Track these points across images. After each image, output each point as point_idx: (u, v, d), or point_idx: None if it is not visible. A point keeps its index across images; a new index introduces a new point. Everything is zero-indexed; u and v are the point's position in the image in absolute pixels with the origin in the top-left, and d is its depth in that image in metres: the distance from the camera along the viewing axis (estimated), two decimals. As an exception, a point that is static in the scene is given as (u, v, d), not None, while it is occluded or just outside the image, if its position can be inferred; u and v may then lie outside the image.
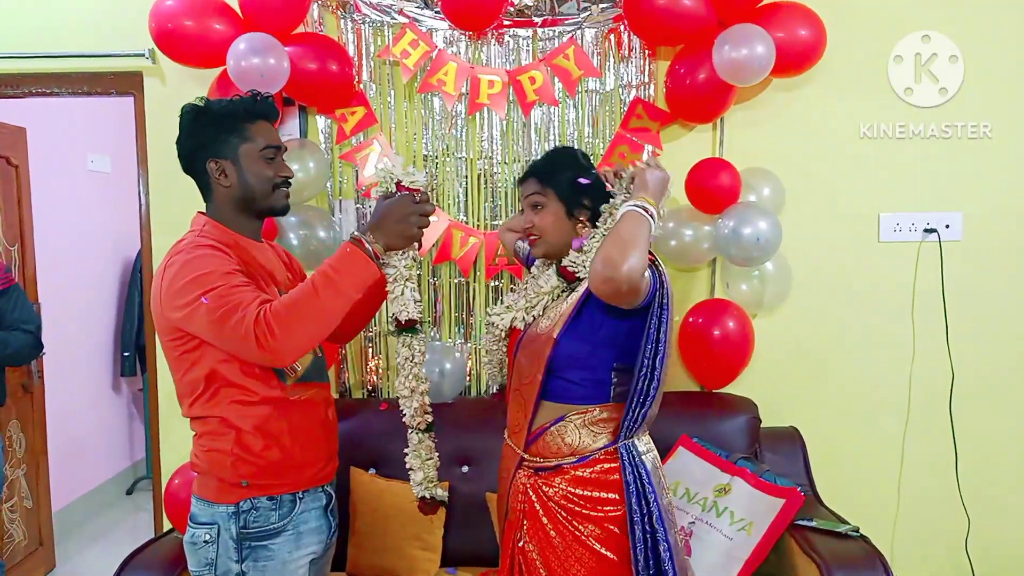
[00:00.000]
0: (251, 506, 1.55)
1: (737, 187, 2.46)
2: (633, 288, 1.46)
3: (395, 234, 1.51)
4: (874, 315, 2.69)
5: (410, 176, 1.54)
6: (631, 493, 1.51)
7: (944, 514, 2.68)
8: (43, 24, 2.70)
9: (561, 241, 1.66)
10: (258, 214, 1.64)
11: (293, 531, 1.59)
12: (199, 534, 1.58)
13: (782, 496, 2.17)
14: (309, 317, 1.42)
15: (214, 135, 1.58)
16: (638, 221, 1.49)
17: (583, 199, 1.66)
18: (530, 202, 1.67)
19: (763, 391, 2.63)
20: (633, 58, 2.63)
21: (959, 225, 2.66)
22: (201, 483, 1.61)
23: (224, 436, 1.55)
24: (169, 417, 2.79)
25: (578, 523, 1.55)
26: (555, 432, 1.59)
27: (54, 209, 3.68)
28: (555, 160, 1.72)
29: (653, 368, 1.53)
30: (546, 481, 1.59)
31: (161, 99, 2.71)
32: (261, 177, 1.59)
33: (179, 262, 1.50)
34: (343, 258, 1.46)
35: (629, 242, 1.45)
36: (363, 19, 2.62)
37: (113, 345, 4.40)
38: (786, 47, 2.38)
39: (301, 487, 1.61)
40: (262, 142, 1.59)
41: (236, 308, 1.41)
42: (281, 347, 1.41)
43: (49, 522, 3.37)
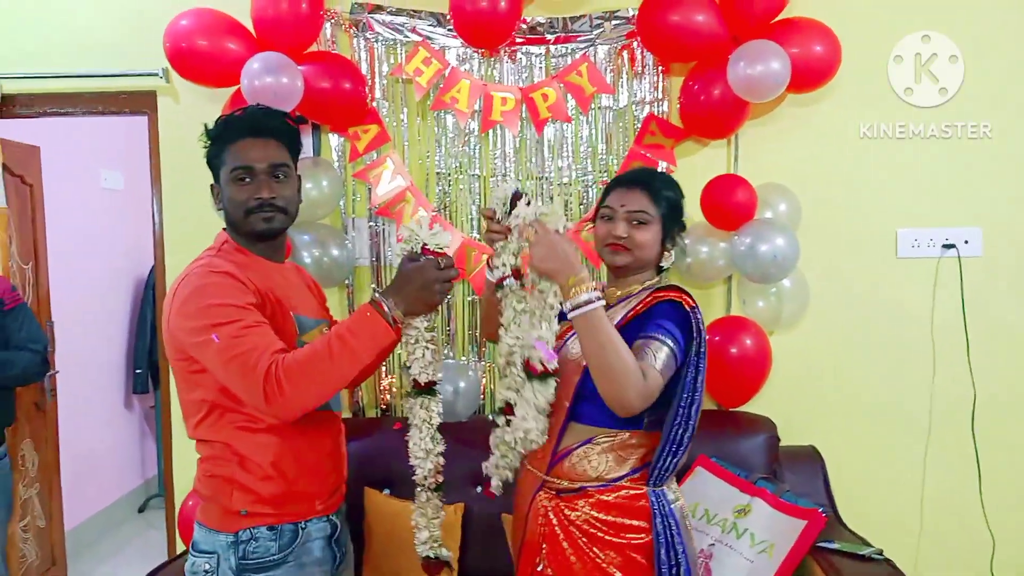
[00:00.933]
0: (251, 536, 1.50)
1: (753, 203, 2.44)
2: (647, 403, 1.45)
3: (417, 301, 1.45)
4: (893, 332, 2.66)
5: (435, 238, 1.48)
6: (660, 544, 1.48)
7: (968, 535, 2.64)
8: (57, 44, 2.72)
9: (650, 261, 1.62)
10: (248, 236, 1.56)
11: (295, 562, 1.53)
12: (199, 563, 1.53)
13: (804, 518, 2.13)
14: (320, 378, 1.39)
15: (208, 157, 1.57)
16: (589, 329, 1.43)
17: (681, 231, 1.65)
18: (636, 216, 1.59)
19: (781, 409, 2.59)
20: (646, 74, 2.62)
21: (978, 241, 2.62)
22: (203, 509, 1.57)
23: (227, 463, 1.51)
24: (182, 435, 2.74)
25: (599, 549, 1.51)
26: (581, 454, 1.55)
27: (67, 227, 3.69)
28: (667, 180, 1.68)
29: (688, 417, 1.50)
30: (569, 504, 1.55)
31: (174, 118, 2.72)
32: (231, 201, 1.53)
33: (192, 284, 1.45)
34: (362, 321, 1.42)
35: (605, 368, 1.41)
36: (376, 37, 2.62)
37: (125, 362, 4.40)
38: (801, 63, 2.37)
39: (304, 517, 1.55)
40: (231, 163, 1.51)
41: (248, 355, 1.37)
42: (288, 405, 1.38)
43: (62, 541, 3.35)
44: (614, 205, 1.62)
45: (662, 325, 1.51)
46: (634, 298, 1.61)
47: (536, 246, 1.47)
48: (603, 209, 1.65)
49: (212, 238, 2.59)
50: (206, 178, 2.53)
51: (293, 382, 1.36)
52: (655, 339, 1.49)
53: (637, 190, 1.61)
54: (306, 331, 1.58)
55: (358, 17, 2.61)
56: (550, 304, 1.50)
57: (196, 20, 2.40)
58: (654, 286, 1.63)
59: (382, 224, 2.66)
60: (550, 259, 1.45)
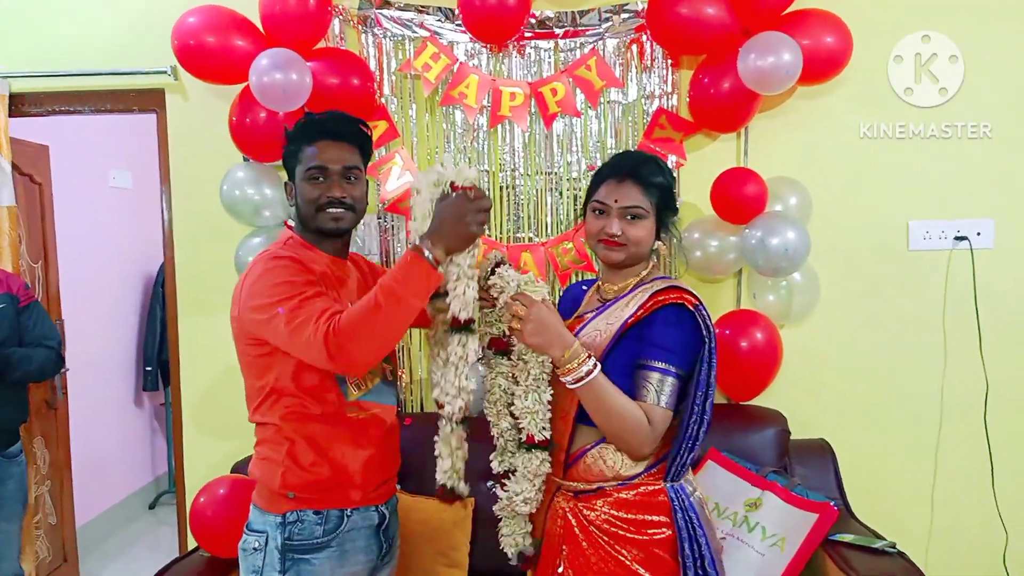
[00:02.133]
0: (297, 518, 1.57)
1: (764, 197, 2.42)
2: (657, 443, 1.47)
3: (455, 237, 1.47)
4: (905, 325, 2.65)
5: (462, 175, 1.50)
6: (683, 539, 1.47)
7: (981, 528, 2.63)
8: (66, 43, 2.72)
9: (644, 255, 1.59)
10: (316, 233, 1.65)
11: (338, 548, 1.59)
12: (250, 540, 1.60)
13: (815, 511, 2.13)
14: (374, 329, 1.42)
15: (286, 155, 1.65)
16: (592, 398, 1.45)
17: (671, 222, 1.62)
18: (630, 212, 1.54)
19: (792, 403, 2.59)
20: (655, 68, 2.61)
21: (990, 232, 2.61)
22: (257, 490, 1.64)
23: (278, 446, 1.59)
24: (193, 432, 2.79)
25: (620, 547, 1.49)
26: (595, 454, 1.53)
27: (77, 226, 3.70)
28: (658, 169, 1.58)
29: (703, 412, 1.49)
30: (587, 505, 1.54)
31: (183, 115, 2.73)
32: (304, 199, 1.62)
33: (258, 271, 1.54)
34: (404, 268, 1.45)
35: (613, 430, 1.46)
36: (384, 33, 2.62)
37: (135, 360, 4.42)
38: (812, 54, 2.35)
39: (350, 505, 1.62)
40: (307, 163, 1.61)
41: (308, 321, 1.43)
42: (351, 359, 1.43)
43: (73, 538, 3.36)
44: (606, 200, 1.56)
45: (662, 347, 1.48)
46: (632, 297, 1.56)
47: (526, 322, 1.46)
48: (594, 203, 1.58)
49: (221, 234, 2.65)
50: (215, 175, 2.59)
51: (349, 337, 1.41)
52: (656, 370, 1.47)
53: (628, 182, 1.55)
54: None
55: (366, 13, 2.61)
56: (534, 376, 1.51)
57: (204, 17, 2.40)
58: (649, 280, 1.58)
59: (391, 220, 2.66)
60: (540, 333, 1.46)
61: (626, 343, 1.51)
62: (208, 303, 2.74)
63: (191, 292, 2.76)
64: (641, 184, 1.54)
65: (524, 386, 1.52)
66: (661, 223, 1.59)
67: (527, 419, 1.52)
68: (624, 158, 1.64)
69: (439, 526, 2.35)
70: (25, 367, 2.42)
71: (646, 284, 1.57)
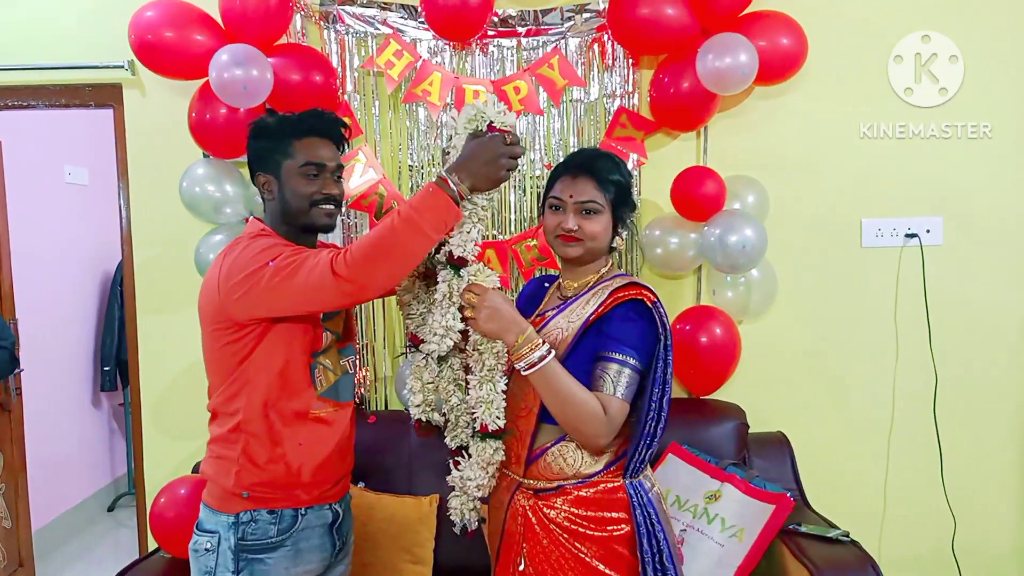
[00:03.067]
0: (251, 518, 1.56)
1: (722, 195, 2.47)
2: (614, 433, 1.49)
3: (483, 176, 1.45)
4: (858, 320, 2.72)
5: (502, 117, 1.48)
6: (642, 535, 1.49)
7: (930, 516, 2.71)
8: (20, 36, 2.66)
9: (602, 250, 1.60)
10: (302, 229, 1.63)
11: (292, 547, 1.58)
12: (201, 541, 1.58)
13: (772, 502, 2.18)
14: (387, 253, 1.41)
15: (263, 149, 1.61)
16: (546, 384, 1.46)
17: (631, 216, 1.63)
18: (585, 207, 1.55)
19: (750, 397, 2.64)
20: (617, 67, 2.64)
21: (939, 230, 2.69)
22: (208, 489, 1.62)
23: (233, 444, 1.56)
24: (153, 433, 2.76)
25: (580, 544, 1.51)
26: (556, 452, 1.55)
27: (31, 222, 3.62)
28: (614, 165, 1.60)
29: (660, 409, 1.51)
30: (547, 503, 1.55)
31: (141, 111, 2.69)
32: (298, 194, 1.59)
33: (238, 250, 1.52)
34: (426, 197, 1.42)
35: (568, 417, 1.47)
36: (347, 30, 2.60)
37: (93, 360, 4.33)
38: (768, 55, 2.40)
39: (304, 503, 1.60)
40: (302, 159, 1.59)
41: (306, 260, 1.42)
42: (359, 278, 1.40)
43: (29, 541, 3.29)
44: (562, 196, 1.57)
45: (621, 341, 1.49)
46: (593, 294, 1.57)
47: (479, 309, 1.47)
48: (550, 199, 1.60)
49: (181, 232, 2.62)
50: (174, 172, 2.55)
51: (361, 257, 1.39)
52: (614, 361, 1.48)
53: (584, 178, 1.56)
54: (330, 317, 1.64)
55: (328, 9, 2.60)
56: (489, 366, 1.52)
57: (162, 11, 2.36)
58: (609, 277, 1.60)
59: (355, 217, 2.65)
60: (493, 320, 1.47)
61: (588, 341, 1.53)
62: (168, 302, 2.70)
63: (150, 291, 2.72)
64: (596, 179, 1.56)
65: (479, 376, 1.53)
66: (618, 219, 1.60)
67: (481, 408, 1.52)
68: (579, 155, 1.65)
69: (404, 523, 2.36)
70: None
71: (606, 281, 1.59)
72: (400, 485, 2.45)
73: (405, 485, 2.45)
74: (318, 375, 1.61)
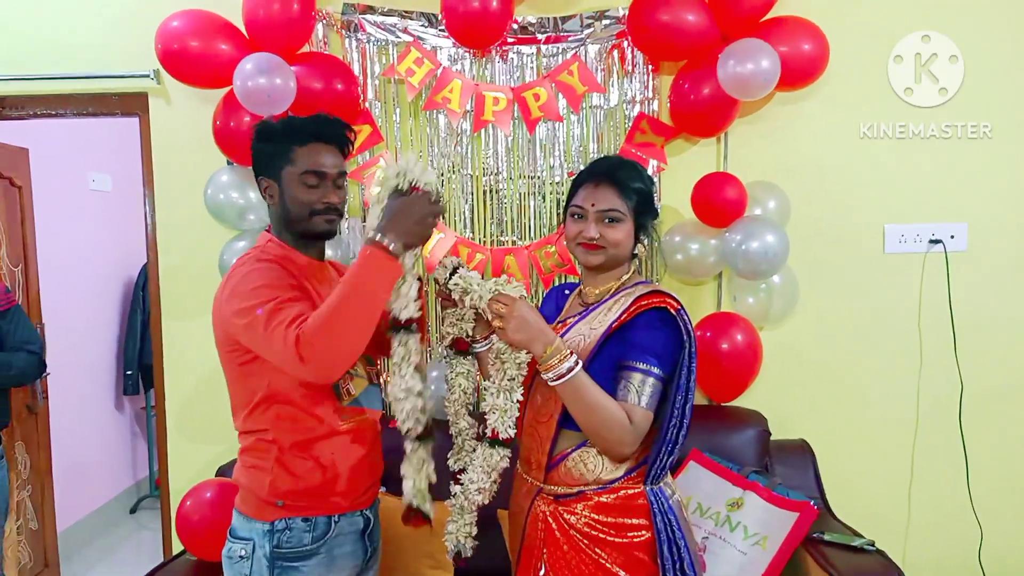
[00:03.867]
0: (285, 526, 1.57)
1: (743, 201, 2.46)
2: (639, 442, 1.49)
3: (413, 234, 1.47)
4: (881, 326, 2.70)
5: (425, 175, 1.51)
6: (662, 542, 1.49)
7: (956, 525, 2.68)
8: (48, 46, 2.71)
9: (624, 257, 1.61)
10: (303, 236, 1.63)
11: (326, 554, 1.59)
12: (235, 548, 1.59)
13: (796, 510, 2.17)
14: (342, 326, 1.40)
15: (266, 153, 1.61)
16: (573, 395, 1.46)
17: (650, 225, 1.62)
18: (608, 215, 1.56)
19: (772, 404, 2.63)
20: (637, 73, 2.64)
21: (964, 235, 2.66)
22: (242, 498, 1.63)
23: (266, 454, 1.57)
24: (177, 436, 2.79)
25: (600, 549, 1.51)
26: (576, 458, 1.55)
27: (57, 229, 3.67)
28: (636, 173, 1.60)
29: (683, 416, 1.51)
30: (568, 509, 1.55)
31: (166, 119, 2.72)
32: (297, 201, 1.59)
33: (239, 274, 1.52)
34: (366, 262, 1.43)
35: (594, 428, 1.47)
36: (368, 38, 2.63)
37: (116, 364, 4.39)
38: (790, 61, 2.39)
39: (337, 511, 1.61)
40: (302, 166, 1.58)
41: (282, 324, 1.41)
42: (322, 361, 1.40)
43: (54, 543, 3.34)
44: (584, 204, 1.57)
45: (644, 349, 1.50)
46: (615, 301, 1.57)
47: (508, 319, 1.48)
48: (572, 207, 1.61)
49: (205, 238, 2.65)
50: (198, 179, 2.59)
51: (318, 337, 1.38)
52: (638, 371, 1.49)
53: (605, 186, 1.57)
54: None
55: (350, 18, 2.62)
56: (510, 376, 1.52)
57: (187, 21, 2.40)
58: (631, 284, 1.60)
59: (375, 224, 2.67)
60: (522, 330, 1.47)
61: (610, 347, 1.53)
62: (192, 306, 2.73)
63: (175, 295, 2.76)
64: (618, 187, 1.56)
65: (498, 385, 1.53)
66: (640, 226, 1.60)
67: (495, 416, 1.52)
68: (601, 163, 1.65)
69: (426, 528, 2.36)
70: (5, 372, 2.41)
71: (628, 288, 1.59)
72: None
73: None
74: (343, 385, 1.61)
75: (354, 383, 1.65)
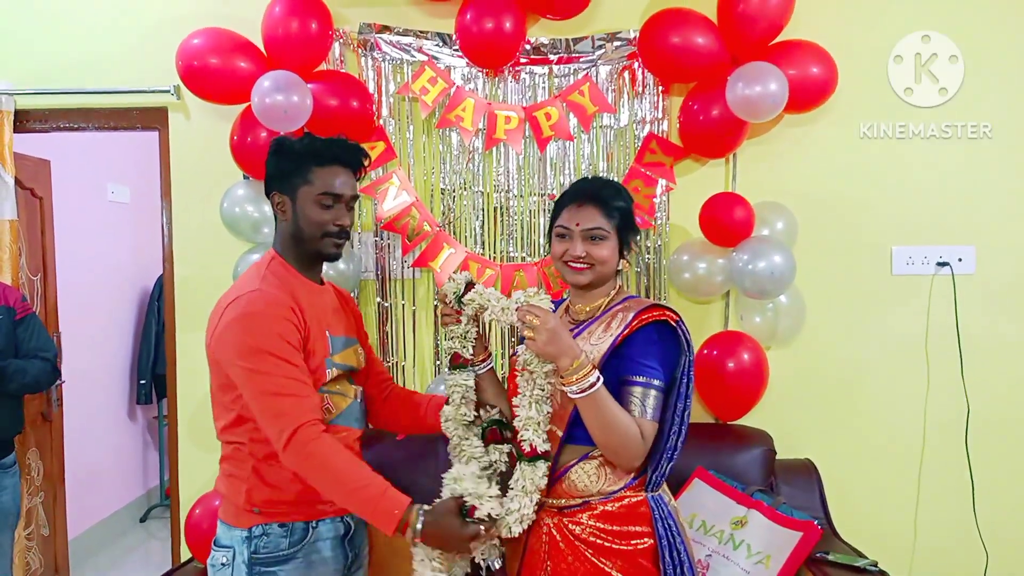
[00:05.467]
0: (263, 532, 1.58)
1: (751, 221, 2.49)
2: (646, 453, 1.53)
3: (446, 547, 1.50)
4: (888, 348, 2.70)
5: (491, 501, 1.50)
6: (664, 547, 1.52)
7: (962, 548, 2.67)
8: (71, 61, 2.78)
9: (610, 275, 1.65)
10: (310, 255, 1.65)
11: (304, 559, 1.60)
12: (218, 556, 1.61)
13: (799, 529, 2.17)
14: (324, 480, 1.49)
15: (283, 170, 1.63)
16: (594, 409, 1.49)
17: (635, 239, 1.67)
18: (592, 234, 1.61)
19: (778, 423, 2.63)
20: (647, 94, 2.68)
21: (972, 258, 2.67)
22: (223, 506, 1.66)
23: (242, 464, 1.59)
24: (188, 445, 2.82)
25: (604, 558, 1.53)
26: (579, 471, 1.58)
27: (75, 239, 3.74)
28: (617, 192, 1.66)
29: (683, 423, 1.55)
30: (572, 519, 1.57)
31: (185, 134, 2.78)
32: (311, 222, 1.61)
33: (238, 312, 1.53)
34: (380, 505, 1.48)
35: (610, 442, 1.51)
36: (383, 57, 2.68)
37: (130, 373, 4.44)
38: (799, 84, 2.42)
39: (315, 517, 1.62)
40: (320, 187, 1.60)
41: (282, 410, 1.48)
42: (297, 466, 1.50)
43: (65, 550, 3.37)
44: (568, 224, 1.62)
45: (643, 363, 1.54)
46: (612, 316, 1.60)
47: (539, 331, 1.50)
48: (557, 227, 1.65)
49: (220, 250, 2.69)
50: (215, 192, 2.64)
51: (308, 460, 1.47)
52: (639, 384, 1.53)
53: (589, 206, 1.62)
54: (337, 351, 1.66)
55: (366, 37, 2.68)
56: (540, 387, 1.55)
57: (208, 39, 2.46)
58: (620, 300, 1.63)
59: (387, 238, 2.71)
60: (552, 343, 1.49)
61: (612, 363, 1.56)
62: (206, 317, 2.73)
63: (189, 306, 2.80)
64: (602, 207, 1.62)
65: (529, 397, 1.55)
66: (624, 242, 1.65)
67: (531, 430, 1.55)
68: (583, 183, 1.71)
69: (430, 541, 2.38)
70: (20, 379, 2.44)
71: (618, 304, 1.63)
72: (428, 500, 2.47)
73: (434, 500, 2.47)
74: (326, 403, 1.61)
75: (335, 401, 1.64)
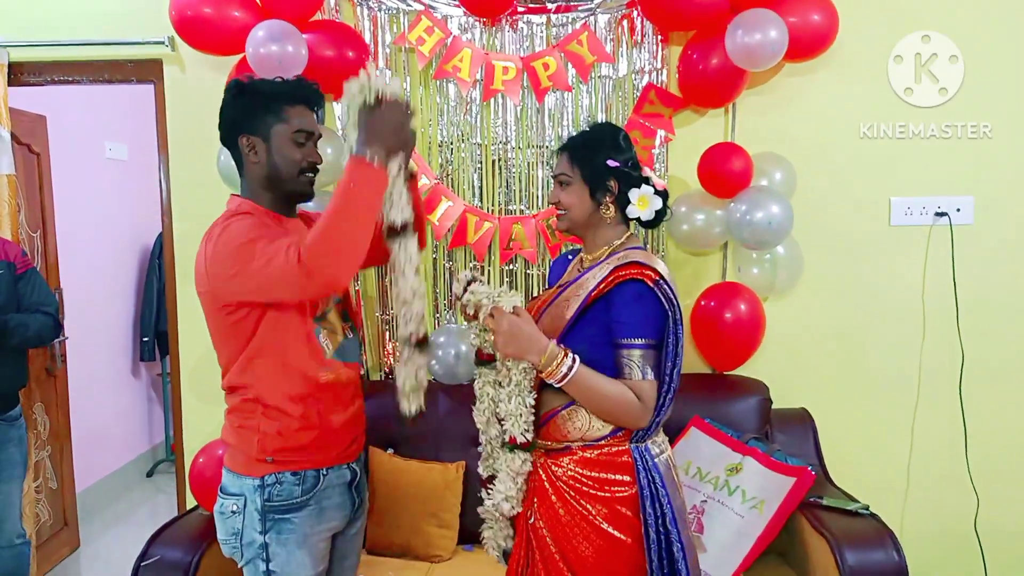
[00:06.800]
0: (275, 480, 1.61)
1: (749, 172, 2.48)
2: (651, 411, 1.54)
3: (392, 142, 1.49)
4: (885, 298, 2.72)
5: (391, 87, 1.50)
6: (644, 498, 1.54)
7: (953, 493, 2.72)
8: (64, 12, 2.74)
9: (584, 219, 1.65)
10: (284, 195, 1.66)
11: (316, 506, 1.64)
12: (227, 504, 1.64)
13: (793, 475, 2.21)
14: (340, 237, 1.42)
15: (251, 111, 1.62)
16: (579, 390, 1.52)
17: (608, 182, 1.63)
18: (557, 180, 1.67)
19: (774, 373, 2.66)
20: (646, 44, 2.65)
21: (970, 209, 2.67)
22: (230, 456, 1.68)
23: (253, 413, 1.61)
24: (191, 400, 2.86)
25: (586, 503, 1.57)
26: (565, 415, 1.60)
27: (74, 196, 3.74)
28: (590, 138, 1.67)
29: (672, 380, 1.56)
30: (555, 461, 1.61)
31: (180, 86, 2.76)
32: (288, 159, 1.61)
33: (217, 234, 1.54)
34: (351, 176, 1.44)
35: (605, 413, 1.54)
36: (379, 6, 2.65)
37: (132, 330, 4.47)
38: (799, 32, 2.40)
39: (325, 464, 1.66)
40: (295, 125, 1.61)
41: (279, 252, 1.44)
42: (326, 269, 1.42)
43: (73, 502, 3.44)
44: (554, 171, 1.70)
45: (630, 325, 1.54)
46: (598, 268, 1.60)
47: (497, 334, 1.53)
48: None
49: (219, 204, 2.65)
50: (212, 145, 2.59)
51: (319, 249, 1.41)
52: (632, 347, 1.54)
53: (561, 153, 1.68)
54: None
55: (361, -14, 2.64)
56: (516, 381, 1.56)
57: (201, -12, 2.43)
58: (622, 250, 1.63)
59: (385, 192, 2.71)
60: (511, 344, 1.52)
61: (592, 313, 1.57)
62: (205, 272, 2.78)
63: (189, 261, 2.75)
64: (568, 152, 1.66)
65: (507, 391, 1.58)
66: (593, 187, 1.63)
67: (510, 421, 1.58)
68: (573, 135, 1.74)
69: (431, 488, 2.43)
70: (23, 333, 2.46)
71: (618, 254, 1.62)
72: (428, 453, 2.52)
73: (432, 453, 2.52)
74: (323, 339, 1.64)
75: (329, 338, 1.66)
